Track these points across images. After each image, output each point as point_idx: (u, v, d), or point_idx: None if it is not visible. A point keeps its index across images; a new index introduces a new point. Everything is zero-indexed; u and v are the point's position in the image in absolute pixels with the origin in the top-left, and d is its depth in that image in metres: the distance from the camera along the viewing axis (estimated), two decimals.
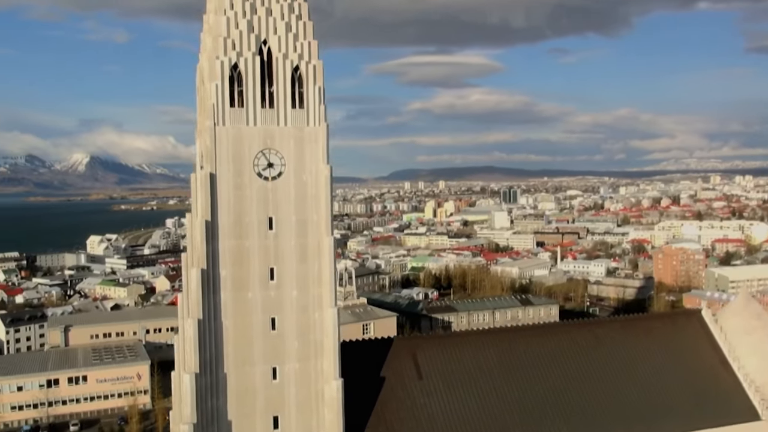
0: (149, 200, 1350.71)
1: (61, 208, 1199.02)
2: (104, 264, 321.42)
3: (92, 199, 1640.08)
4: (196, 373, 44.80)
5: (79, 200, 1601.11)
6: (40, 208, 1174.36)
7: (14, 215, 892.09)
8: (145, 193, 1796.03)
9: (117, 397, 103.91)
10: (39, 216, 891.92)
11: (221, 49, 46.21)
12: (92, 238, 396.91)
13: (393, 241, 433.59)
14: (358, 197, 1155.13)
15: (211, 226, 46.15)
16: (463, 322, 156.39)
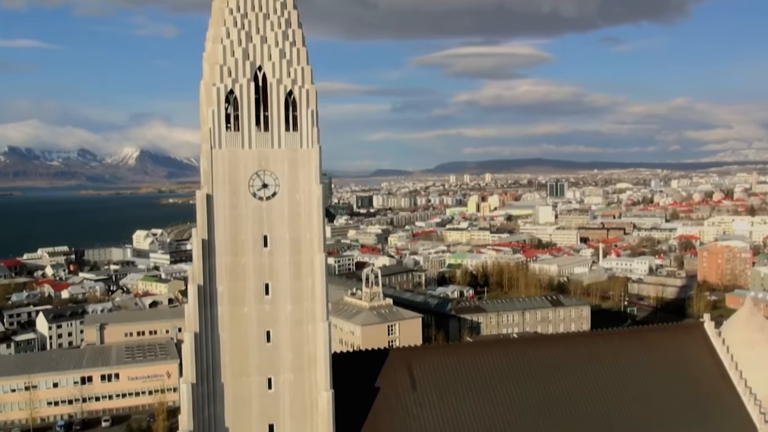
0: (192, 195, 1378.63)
1: (111, 201, 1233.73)
2: (149, 259, 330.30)
3: (141, 192, 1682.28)
4: (192, 383, 47.50)
5: (129, 193, 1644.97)
6: (91, 202, 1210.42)
7: (67, 209, 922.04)
8: (193, 186, 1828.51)
9: (147, 394, 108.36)
10: (90, 210, 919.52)
11: (218, 76, 48.65)
12: (138, 232, 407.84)
13: (434, 237, 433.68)
14: (403, 190, 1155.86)
15: (209, 243, 48.71)
16: (492, 323, 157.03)
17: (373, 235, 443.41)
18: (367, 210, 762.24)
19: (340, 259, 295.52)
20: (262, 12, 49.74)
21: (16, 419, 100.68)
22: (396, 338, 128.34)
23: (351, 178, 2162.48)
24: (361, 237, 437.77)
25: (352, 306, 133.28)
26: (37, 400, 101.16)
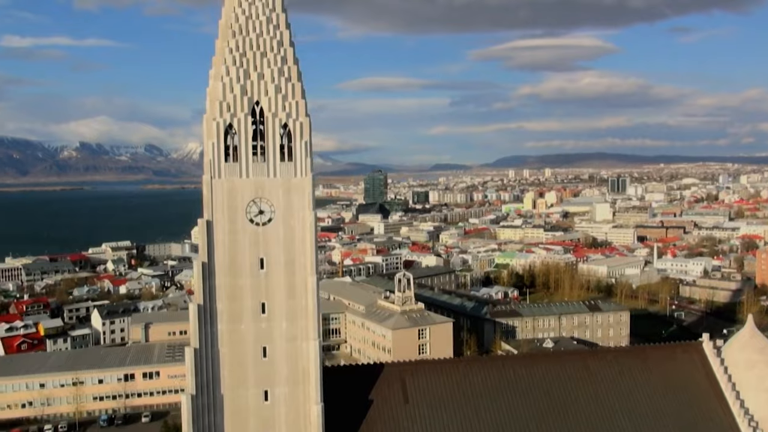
0: None
1: (175, 195, 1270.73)
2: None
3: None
4: (192, 394, 51.80)
5: (193, 188, 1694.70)
6: (156, 196, 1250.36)
7: (133, 203, 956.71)
8: None
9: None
10: (154, 204, 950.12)
11: (217, 111, 52.64)
12: (196, 228, 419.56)
13: (486, 234, 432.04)
14: (461, 185, 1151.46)
15: (209, 266, 52.82)
16: (527, 327, 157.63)
17: (424, 232, 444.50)
18: (423, 206, 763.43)
19: (388, 257, 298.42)
20: (260, 50, 53.41)
21: (64, 413, 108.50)
22: (426, 342, 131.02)
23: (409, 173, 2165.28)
24: (413, 234, 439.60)
25: (385, 309, 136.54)
26: (84, 395, 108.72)
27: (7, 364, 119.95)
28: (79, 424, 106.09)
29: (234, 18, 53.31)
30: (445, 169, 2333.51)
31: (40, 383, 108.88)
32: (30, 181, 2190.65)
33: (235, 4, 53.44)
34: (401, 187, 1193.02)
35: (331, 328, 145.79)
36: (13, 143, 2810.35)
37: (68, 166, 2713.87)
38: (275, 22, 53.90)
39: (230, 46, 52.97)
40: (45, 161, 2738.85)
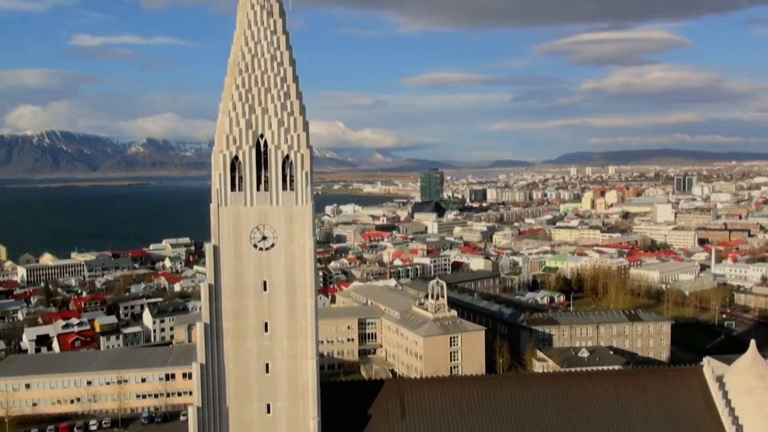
0: (316, 184, 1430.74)
1: None
2: None
3: None
4: (198, 406, 56.12)
5: None
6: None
7: (196, 198, 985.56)
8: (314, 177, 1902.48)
9: None
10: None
11: (224, 144, 56.70)
12: None
13: (540, 235, 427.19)
14: (520, 183, 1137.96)
15: (215, 288, 56.98)
16: (564, 335, 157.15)
17: (478, 232, 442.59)
18: (480, 204, 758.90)
19: (436, 259, 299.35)
20: (264, 87, 57.15)
21: (109, 409, 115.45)
22: (458, 350, 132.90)
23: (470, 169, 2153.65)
24: (466, 234, 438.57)
25: (418, 316, 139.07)
26: (127, 393, 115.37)
27: (60, 361, 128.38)
28: (122, 420, 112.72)
29: (241, 56, 57.23)
30: (505, 166, 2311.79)
31: (88, 380, 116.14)
32: (99, 176, 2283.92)
33: (242, 43, 57.32)
34: (459, 184, 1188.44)
35: (367, 333, 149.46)
36: (84, 139, 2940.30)
37: (135, 162, 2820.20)
38: (279, 60, 57.52)
39: (237, 83, 56.91)
40: (114, 157, 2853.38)
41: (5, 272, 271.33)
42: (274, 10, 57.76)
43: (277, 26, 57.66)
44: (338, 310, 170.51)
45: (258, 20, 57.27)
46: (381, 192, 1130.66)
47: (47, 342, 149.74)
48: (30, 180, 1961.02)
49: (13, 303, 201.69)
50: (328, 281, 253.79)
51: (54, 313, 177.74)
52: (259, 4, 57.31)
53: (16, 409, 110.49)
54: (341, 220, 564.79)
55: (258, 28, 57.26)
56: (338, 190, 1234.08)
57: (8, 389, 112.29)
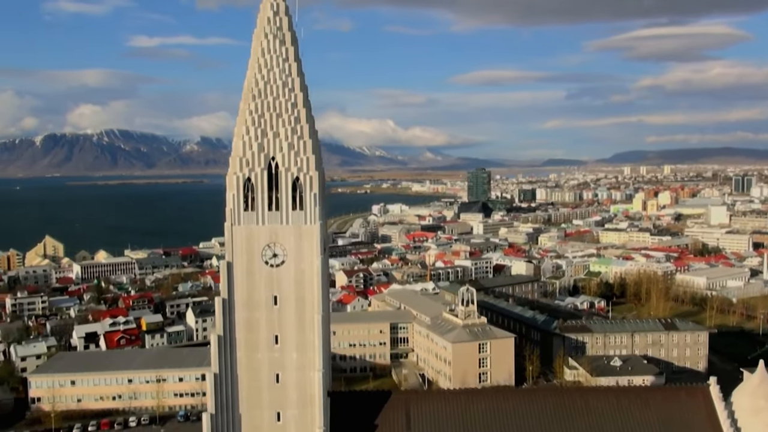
0: (365, 183, 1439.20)
1: None
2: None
3: None
4: (212, 413, 59.77)
5: None
6: None
7: None
8: (363, 175, 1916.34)
9: None
10: None
11: (237, 166, 60.14)
12: None
13: (587, 237, 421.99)
14: (571, 183, 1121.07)
15: (229, 301, 60.49)
16: (597, 343, 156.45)
17: (523, 234, 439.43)
18: (529, 204, 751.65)
19: (477, 261, 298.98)
20: (276, 112, 60.35)
21: (148, 407, 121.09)
22: (487, 357, 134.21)
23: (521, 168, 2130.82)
24: (511, 236, 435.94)
25: (448, 322, 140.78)
26: (165, 392, 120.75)
27: (104, 359, 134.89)
28: (160, 418, 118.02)
29: (254, 82, 60.55)
30: (557, 165, 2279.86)
31: (129, 379, 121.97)
32: (155, 173, 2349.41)
33: (256, 70, 60.63)
34: (509, 183, 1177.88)
35: (399, 337, 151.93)
36: (141, 138, 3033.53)
37: (190, 160, 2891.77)
38: (290, 86, 60.61)
39: (250, 108, 60.27)
40: (169, 155, 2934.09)
41: (62, 269, 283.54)
42: (286, 38, 60.83)
43: (289, 54, 60.69)
44: (371, 314, 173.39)
45: (271, 48, 60.43)
46: (429, 191, 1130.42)
47: (95, 339, 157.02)
48: (90, 177, 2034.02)
49: (66, 300, 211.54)
50: (369, 283, 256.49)
51: (103, 310, 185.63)
52: (272, 33, 60.45)
53: (62, 404, 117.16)
54: (387, 220, 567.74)
55: (271, 55, 60.43)
56: (387, 189, 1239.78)
57: (55, 385, 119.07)
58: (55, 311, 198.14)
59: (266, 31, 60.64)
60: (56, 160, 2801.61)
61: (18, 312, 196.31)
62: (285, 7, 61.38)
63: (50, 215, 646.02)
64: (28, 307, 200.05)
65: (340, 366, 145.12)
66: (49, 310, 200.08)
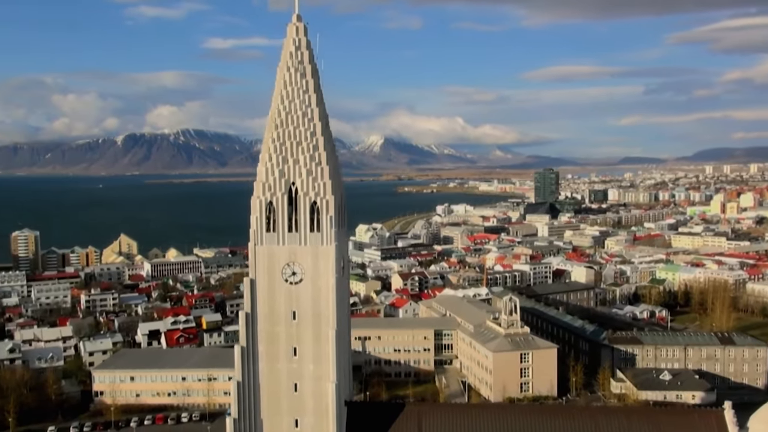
0: (432, 182, 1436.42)
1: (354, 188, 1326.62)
2: (363, 252, 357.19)
3: (382, 179, 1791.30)
4: (235, 418, 64.78)
5: (371, 180, 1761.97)
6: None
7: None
8: (430, 174, 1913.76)
9: None
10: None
11: (260, 191, 64.93)
12: (360, 226, 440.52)
13: (658, 242, 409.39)
14: (647, 182, 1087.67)
15: (252, 315, 65.33)
16: (648, 356, 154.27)
17: (589, 237, 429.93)
18: (599, 205, 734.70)
19: (536, 266, 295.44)
20: (296, 140, 64.79)
21: (199, 404, 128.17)
22: (529, 367, 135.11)
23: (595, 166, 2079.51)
24: (576, 239, 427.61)
25: (491, 331, 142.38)
26: (215, 390, 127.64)
27: (162, 356, 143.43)
28: (210, 415, 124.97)
29: (277, 113, 65.19)
30: (635, 163, 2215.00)
31: (182, 377, 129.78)
32: (228, 171, 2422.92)
33: (279, 101, 65.20)
34: (581, 183, 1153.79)
35: (443, 344, 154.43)
36: (215, 137, 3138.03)
37: None
38: (310, 116, 64.94)
39: (273, 137, 64.94)
40: (241, 153, 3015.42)
41: (135, 266, 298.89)
42: (306, 71, 65.14)
43: (309, 86, 64.99)
44: (415, 321, 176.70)
45: (292, 81, 64.87)
46: (497, 191, 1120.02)
47: (157, 337, 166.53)
48: (166, 175, 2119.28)
49: (135, 297, 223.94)
50: (424, 286, 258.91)
51: (167, 308, 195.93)
52: (293, 67, 64.92)
53: (121, 398, 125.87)
54: (451, 221, 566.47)
55: (292, 88, 64.88)
56: (453, 189, 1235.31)
57: (116, 380, 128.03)
58: (124, 308, 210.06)
59: (288, 65, 65.11)
60: (136, 158, 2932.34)
61: (91, 308, 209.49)
62: (306, 41, 65.66)
63: (128, 213, 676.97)
64: (101, 303, 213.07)
65: (384, 370, 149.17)
66: (119, 306, 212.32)
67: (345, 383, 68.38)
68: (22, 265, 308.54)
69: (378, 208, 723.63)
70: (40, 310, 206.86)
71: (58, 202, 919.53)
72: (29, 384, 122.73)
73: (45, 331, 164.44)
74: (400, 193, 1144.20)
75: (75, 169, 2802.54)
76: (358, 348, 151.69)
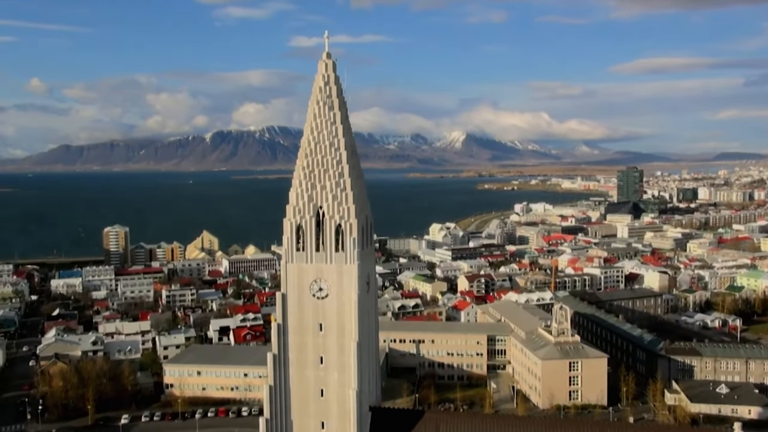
0: (513, 179, 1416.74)
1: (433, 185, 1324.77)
2: (434, 252, 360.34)
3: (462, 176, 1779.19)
4: (267, 418, 71.83)
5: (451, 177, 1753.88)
6: (414, 186, 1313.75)
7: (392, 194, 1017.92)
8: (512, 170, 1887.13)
9: None
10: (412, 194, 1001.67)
11: (291, 214, 71.65)
12: (434, 225, 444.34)
13: (745, 245, 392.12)
14: (743, 180, 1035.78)
15: (283, 326, 72.15)
16: (707, 368, 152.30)
17: (671, 239, 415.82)
18: (688, 204, 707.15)
19: (608, 270, 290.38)
20: (323, 168, 71.11)
21: (259, 399, 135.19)
22: (578, 375, 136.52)
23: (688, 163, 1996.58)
24: (656, 241, 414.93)
25: (542, 338, 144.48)
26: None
27: (228, 353, 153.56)
28: None
29: (307, 143, 71.66)
30: (732, 159, 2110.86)
31: (244, 373, 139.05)
32: None
33: (308, 132, 71.63)
34: (670, 180, 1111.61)
35: (497, 349, 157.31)
36: (298, 134, 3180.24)
37: None
38: (336, 146, 71.09)
39: (303, 164, 71.56)
40: None
41: (215, 263, 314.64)
42: (334, 105, 71.34)
43: (336, 118, 71.12)
44: (469, 326, 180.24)
45: (321, 113, 71.22)
46: (580, 188, 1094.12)
47: (227, 333, 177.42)
48: (251, 171, 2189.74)
49: (212, 293, 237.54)
50: (490, 288, 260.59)
51: (239, 305, 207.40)
52: (322, 101, 71.25)
53: (189, 391, 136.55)
54: (529, 220, 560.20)
55: (321, 120, 71.20)
56: (535, 186, 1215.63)
57: (184, 374, 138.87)
58: (201, 303, 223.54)
59: (318, 99, 71.46)
60: (223, 155, 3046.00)
61: (171, 303, 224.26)
62: (335, 77, 71.87)
63: (213, 209, 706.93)
64: (180, 298, 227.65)
65: (437, 373, 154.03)
66: (196, 302, 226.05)
67: (369, 390, 74.19)
68: (113, 260, 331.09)
69: (456, 205, 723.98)
70: (125, 303, 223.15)
71: (150, 197, 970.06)
72: (108, 374, 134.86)
73: (126, 324, 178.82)
74: (479, 190, 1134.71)
75: (167, 165, 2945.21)
76: (413, 351, 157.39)
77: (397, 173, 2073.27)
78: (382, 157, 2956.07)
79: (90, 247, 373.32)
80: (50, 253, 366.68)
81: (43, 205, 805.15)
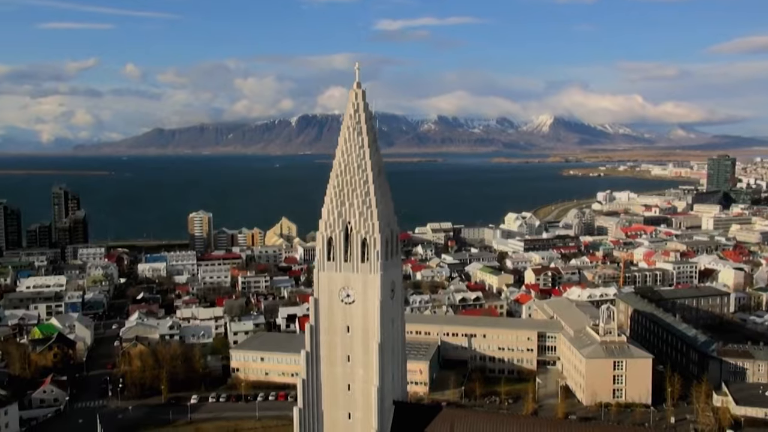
0: (601, 164, 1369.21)
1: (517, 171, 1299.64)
2: (507, 242, 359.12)
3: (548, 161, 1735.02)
4: (300, 408, 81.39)
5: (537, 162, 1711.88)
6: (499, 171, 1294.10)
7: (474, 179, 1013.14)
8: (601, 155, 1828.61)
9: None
10: (496, 180, 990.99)
11: (323, 227, 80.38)
12: (509, 215, 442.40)
13: None
14: None
15: (315, 327, 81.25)
16: (760, 370, 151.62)
17: (757, 233, 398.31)
18: None
19: (681, 266, 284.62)
20: (351, 187, 79.35)
21: None
22: (622, 375, 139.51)
23: None
24: (741, 234, 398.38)
25: (588, 337, 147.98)
26: None
27: (291, 340, 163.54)
28: None
29: (338, 164, 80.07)
30: None
31: None
32: (394, 151, 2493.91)
33: (339, 155, 79.95)
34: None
35: (547, 345, 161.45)
36: (382, 118, 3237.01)
37: (427, 138, 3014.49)
38: (363, 167, 79.15)
39: (333, 184, 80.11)
40: (407, 134, 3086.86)
41: (292, 249, 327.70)
42: (363, 129, 79.34)
43: (364, 142, 79.13)
44: (521, 322, 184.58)
45: (350, 138, 79.48)
46: (671, 175, 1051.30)
47: (295, 321, 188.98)
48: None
49: (285, 280, 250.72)
50: (557, 282, 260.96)
51: (308, 294, 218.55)
52: (352, 126, 79.51)
53: (253, 375, 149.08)
54: (610, 209, 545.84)
55: (350, 144, 79.41)
56: (623, 172, 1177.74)
57: (248, 360, 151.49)
58: (273, 290, 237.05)
59: (348, 125, 79.56)
60: (308, 139, 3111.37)
61: (246, 289, 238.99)
62: (364, 105, 79.86)
63: (298, 193, 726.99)
64: (254, 284, 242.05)
65: (488, 366, 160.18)
66: (270, 288, 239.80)
67: (394, 386, 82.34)
68: (197, 245, 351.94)
69: (537, 192, 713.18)
70: (204, 288, 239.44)
71: (236, 182, 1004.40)
72: (181, 357, 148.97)
73: (201, 310, 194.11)
74: (564, 176, 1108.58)
75: (253, 148, 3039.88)
76: (465, 344, 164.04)
77: (481, 157, 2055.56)
78: (466, 141, 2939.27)
79: (177, 231, 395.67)
80: (140, 236, 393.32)
81: (135, 188, 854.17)
